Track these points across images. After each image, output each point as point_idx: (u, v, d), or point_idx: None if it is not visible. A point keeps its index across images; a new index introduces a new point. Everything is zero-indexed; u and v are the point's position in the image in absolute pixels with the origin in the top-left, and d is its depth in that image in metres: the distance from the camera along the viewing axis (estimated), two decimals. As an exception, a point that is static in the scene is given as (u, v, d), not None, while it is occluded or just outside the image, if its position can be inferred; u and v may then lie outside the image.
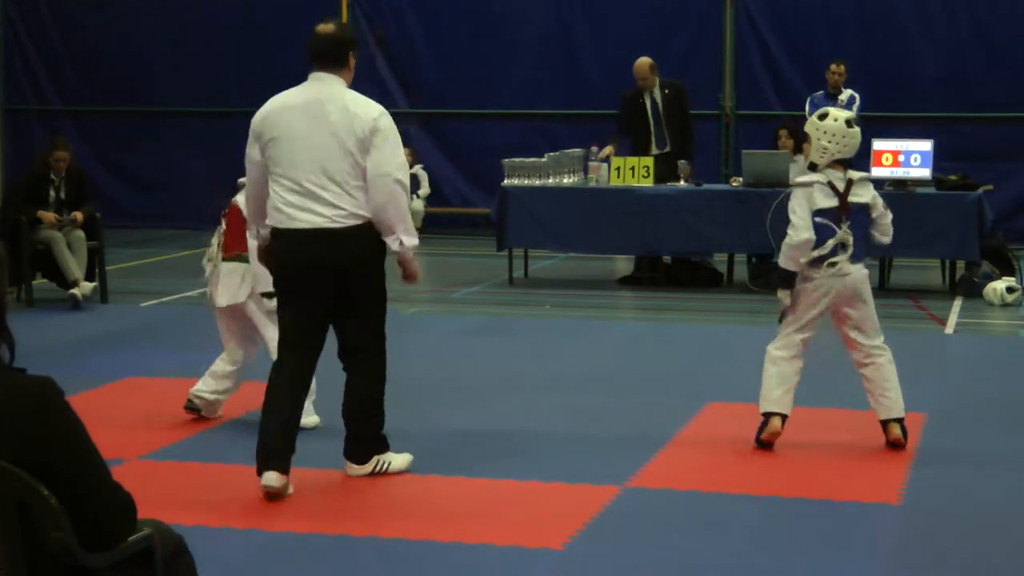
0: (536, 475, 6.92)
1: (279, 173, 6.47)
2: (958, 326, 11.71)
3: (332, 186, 6.39)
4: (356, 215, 6.41)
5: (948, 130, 16.64)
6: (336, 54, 6.57)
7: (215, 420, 8.07)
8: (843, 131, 7.28)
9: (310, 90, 6.55)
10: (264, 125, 6.53)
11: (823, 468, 7.14)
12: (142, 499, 3.49)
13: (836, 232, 7.25)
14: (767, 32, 18.18)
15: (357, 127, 6.39)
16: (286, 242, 6.48)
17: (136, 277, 14.76)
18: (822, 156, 7.31)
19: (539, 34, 18.80)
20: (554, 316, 12.30)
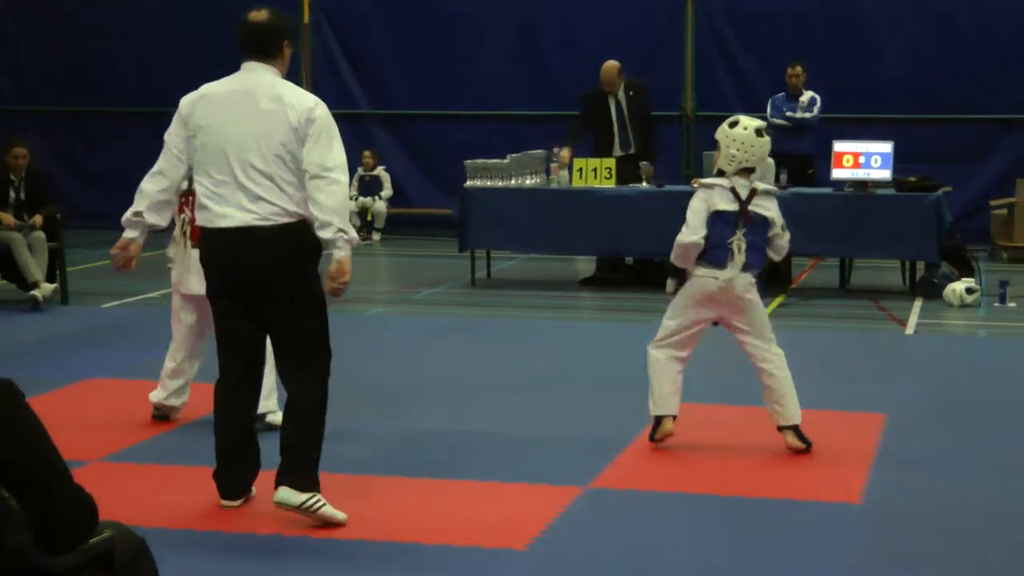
0: (498, 475, 6.91)
1: (206, 166, 6.11)
2: (918, 327, 11.76)
3: (262, 180, 5.99)
4: (288, 212, 6.00)
5: (907, 132, 16.71)
6: (269, 43, 6.19)
7: (175, 422, 8.03)
8: (752, 140, 7.29)
9: (241, 80, 6.20)
10: (192, 110, 6.20)
11: (786, 469, 7.15)
12: (103, 501, 3.46)
13: (733, 235, 7.24)
14: (728, 33, 18.22)
15: (291, 118, 5.99)
16: (212, 242, 6.12)
17: (97, 278, 14.67)
18: (729, 163, 7.32)
19: (502, 35, 18.79)
20: (517, 317, 12.30)
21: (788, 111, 15.32)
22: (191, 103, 6.23)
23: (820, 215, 13.25)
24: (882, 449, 7.50)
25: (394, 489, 6.68)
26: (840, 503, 6.52)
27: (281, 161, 6.01)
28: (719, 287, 7.26)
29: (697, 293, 7.33)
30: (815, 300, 13.34)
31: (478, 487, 6.73)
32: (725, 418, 8.10)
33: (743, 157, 7.28)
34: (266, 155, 6.01)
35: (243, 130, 6.04)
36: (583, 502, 6.52)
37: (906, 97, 17.59)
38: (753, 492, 6.69)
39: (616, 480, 6.91)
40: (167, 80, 19.42)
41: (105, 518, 3.45)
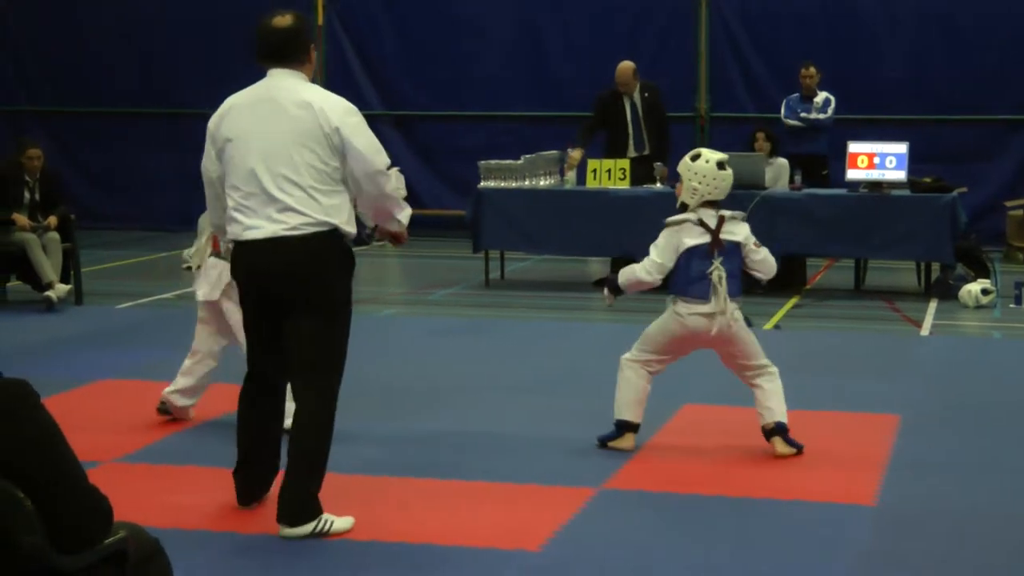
0: (511, 477, 6.91)
1: (235, 179, 5.95)
2: (933, 328, 11.74)
3: (294, 190, 5.84)
4: (320, 222, 5.86)
5: (921, 132, 16.68)
6: (294, 48, 6.00)
7: (189, 422, 8.04)
8: (713, 173, 7.27)
9: (266, 87, 6.01)
10: (218, 127, 6.03)
11: (798, 470, 7.15)
12: (117, 502, 3.47)
13: (710, 266, 7.22)
14: (740, 34, 18.20)
15: (323, 124, 5.86)
16: (244, 255, 5.98)
17: (110, 279, 14.70)
18: (692, 196, 7.32)
19: (511, 36, 18.78)
20: (530, 318, 12.30)
21: (802, 112, 15.30)
22: (217, 118, 6.08)
23: (835, 216, 13.24)
24: (896, 451, 7.49)
25: (406, 490, 6.68)
26: (854, 505, 6.52)
27: (313, 169, 5.88)
28: (709, 324, 7.23)
29: (684, 332, 7.32)
30: (829, 301, 13.32)
31: (491, 488, 6.74)
32: (737, 420, 8.08)
33: (705, 191, 7.28)
34: (297, 165, 5.88)
35: (271, 140, 5.89)
36: (596, 504, 6.52)
37: (920, 98, 17.55)
38: (766, 494, 6.69)
39: (629, 482, 6.91)
40: (169, 81, 19.50)
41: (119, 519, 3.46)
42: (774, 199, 13.26)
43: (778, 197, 13.35)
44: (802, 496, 6.64)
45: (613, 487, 6.79)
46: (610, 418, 7.61)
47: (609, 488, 6.77)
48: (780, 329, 11.70)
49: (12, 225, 12.48)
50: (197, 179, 6.30)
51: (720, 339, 7.32)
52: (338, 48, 19.28)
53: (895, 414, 8.33)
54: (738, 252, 7.35)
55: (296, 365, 5.99)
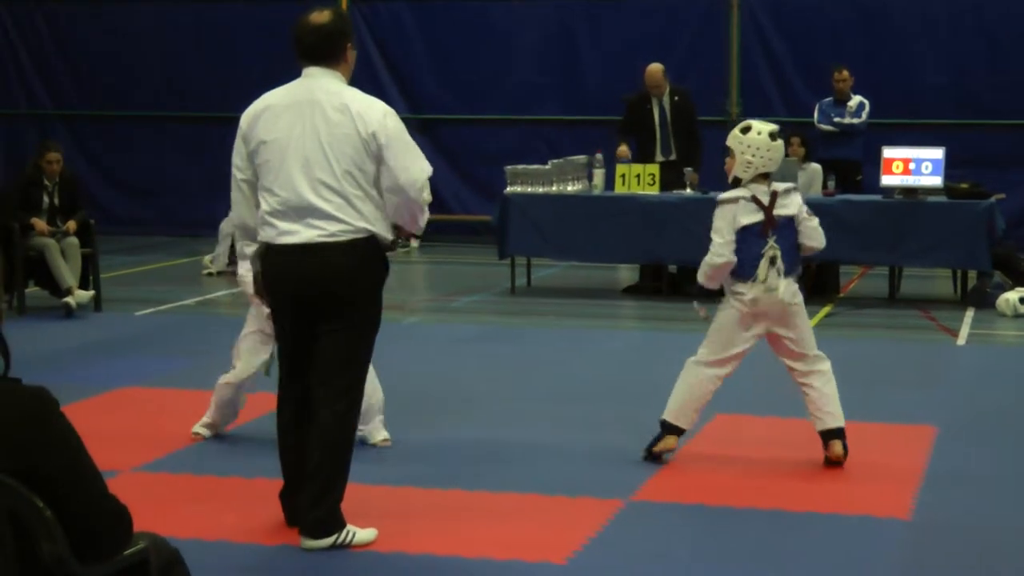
0: (538, 488, 6.90)
1: (269, 181, 5.90)
2: (970, 337, 11.70)
3: (333, 197, 5.81)
4: (357, 228, 5.84)
5: (956, 137, 16.62)
6: (331, 47, 5.94)
7: (210, 432, 8.05)
8: (768, 144, 7.23)
9: (303, 88, 5.95)
10: (251, 128, 5.96)
11: (832, 482, 7.12)
12: (137, 511, 3.48)
13: (764, 245, 7.19)
14: (773, 37, 18.17)
15: (360, 129, 5.82)
16: (277, 259, 5.92)
17: (131, 285, 14.74)
18: (746, 170, 7.25)
19: (539, 39, 18.79)
20: (557, 326, 12.29)
21: (836, 116, 15.26)
22: (251, 117, 6.00)
23: (869, 222, 13.20)
24: (932, 463, 7.46)
25: (431, 501, 6.68)
26: (889, 518, 6.49)
27: (351, 176, 5.85)
28: (767, 299, 7.19)
29: (744, 309, 7.26)
30: (864, 310, 13.28)
31: (517, 500, 6.73)
32: (769, 430, 8.07)
33: (760, 163, 7.23)
34: (336, 171, 5.84)
35: (310, 144, 5.85)
36: (625, 515, 6.51)
37: (955, 102, 17.50)
38: (799, 506, 6.66)
39: (659, 493, 6.89)
40: (194, 85, 19.57)
41: (139, 529, 3.46)
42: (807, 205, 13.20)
43: (811, 203, 13.20)
44: (836, 509, 6.61)
45: (642, 499, 6.78)
46: (639, 426, 7.60)
47: (638, 500, 6.75)
48: (813, 338, 11.65)
49: (31, 230, 12.53)
50: (221, 184, 6.30)
51: (782, 316, 7.26)
52: (363, 49, 19.27)
53: (931, 425, 8.29)
54: (792, 226, 7.31)
55: (322, 373, 5.96)
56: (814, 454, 7.52)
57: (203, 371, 9.55)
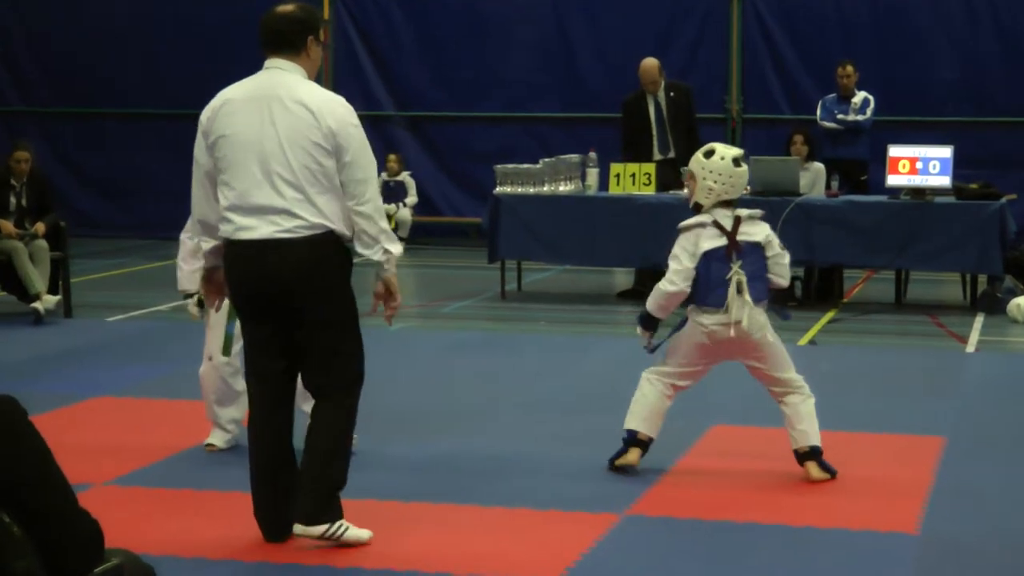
0: (529, 502, 6.91)
1: (228, 176, 6.05)
2: (979, 344, 11.72)
3: (290, 192, 5.96)
4: (316, 224, 5.98)
5: (968, 136, 16.67)
6: (292, 38, 6.13)
7: (186, 444, 8.04)
8: (730, 170, 7.25)
9: (262, 81, 6.14)
10: (212, 121, 6.12)
11: (835, 495, 7.13)
12: (110, 526, 3.49)
13: (728, 271, 7.20)
14: (776, 31, 18.20)
15: (319, 124, 5.97)
16: (236, 256, 6.08)
17: (103, 290, 14.74)
18: (707, 197, 7.28)
19: (534, 33, 18.81)
20: (549, 332, 12.29)
21: (839, 113, 15.28)
22: (210, 111, 6.17)
23: (874, 224, 13.22)
24: (940, 475, 7.48)
25: (420, 516, 6.68)
26: (895, 533, 6.50)
27: (309, 171, 5.99)
28: (731, 333, 7.19)
29: (708, 342, 7.27)
30: (869, 315, 13.30)
31: (508, 514, 6.73)
32: (769, 442, 8.06)
33: (721, 189, 7.26)
34: (293, 165, 5.99)
35: (267, 138, 6.01)
36: (620, 531, 6.52)
37: (966, 99, 17.55)
38: (801, 521, 6.67)
39: (655, 507, 6.90)
40: (176, 82, 19.54)
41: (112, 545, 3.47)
42: (810, 206, 13.26)
43: (814, 204, 13.34)
44: (840, 523, 6.62)
45: (638, 513, 6.79)
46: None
47: (633, 514, 6.76)
48: (816, 345, 11.68)
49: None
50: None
51: (746, 349, 7.29)
52: (347, 44, 19.30)
53: (939, 436, 8.30)
54: (759, 253, 7.31)
55: (311, 379, 6.15)
56: (817, 466, 7.54)
57: (178, 380, 9.55)
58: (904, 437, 8.36)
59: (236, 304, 6.25)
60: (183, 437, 8.15)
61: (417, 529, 6.47)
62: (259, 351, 6.18)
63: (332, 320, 6.10)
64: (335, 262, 6.08)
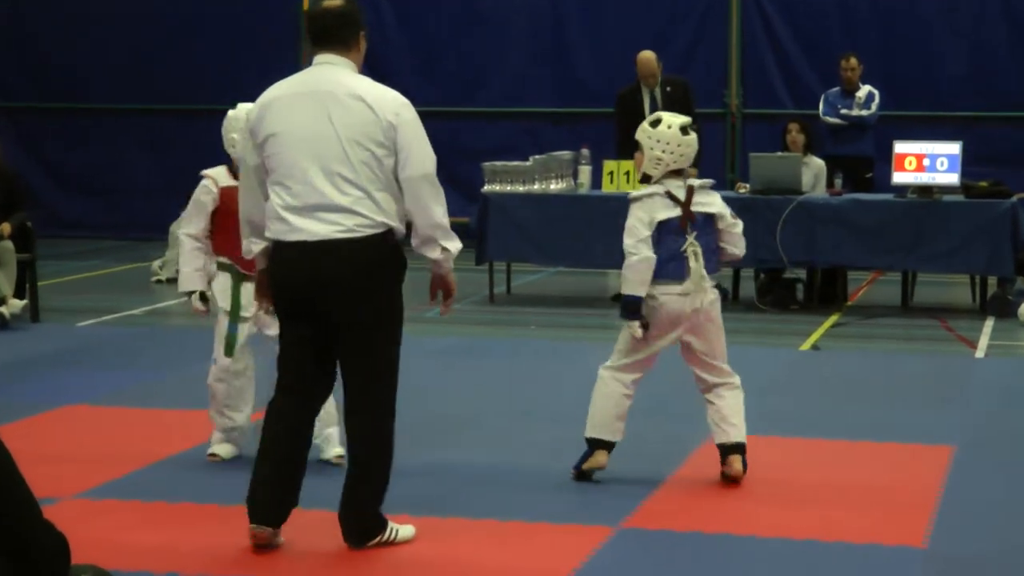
0: (519, 514, 6.90)
1: (280, 175, 6.09)
2: (989, 349, 11.73)
3: (352, 190, 6.02)
4: (379, 223, 6.07)
5: (977, 131, 16.68)
6: (345, 33, 6.25)
7: (161, 455, 8.02)
8: (678, 139, 7.32)
9: (314, 77, 6.20)
10: (260, 119, 6.17)
11: (839, 507, 7.13)
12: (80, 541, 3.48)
13: (684, 242, 7.26)
14: (778, 23, 18.21)
15: (379, 118, 6.05)
16: (288, 256, 6.11)
17: (73, 293, 14.71)
18: (655, 167, 7.36)
19: (527, 25, 18.80)
20: (540, 337, 12.29)
21: (843, 108, 15.29)
22: (258, 109, 6.23)
23: (880, 224, 13.24)
24: (949, 486, 7.48)
25: (403, 529, 6.67)
26: (902, 547, 6.50)
27: (368, 168, 6.05)
28: (692, 304, 7.26)
29: (659, 318, 7.32)
30: (874, 319, 13.31)
31: (497, 527, 6.73)
32: (770, 450, 8.07)
33: (670, 159, 7.33)
34: (353, 162, 6.04)
35: (324, 135, 6.06)
36: (614, 544, 6.51)
37: (975, 93, 17.56)
38: (804, 534, 6.67)
39: (651, 519, 6.90)
40: (158, 76, 19.51)
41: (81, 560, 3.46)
42: (812, 205, 13.27)
43: (816, 203, 13.35)
44: (844, 537, 6.62)
45: (633, 526, 6.79)
46: (630, 446, 7.60)
47: (628, 527, 6.76)
48: (819, 350, 11.68)
49: (-40, 232, 12.48)
50: (181, 183, 6.38)
51: (695, 324, 7.34)
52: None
53: (947, 445, 8.31)
54: (712, 225, 7.39)
55: (352, 383, 6.23)
56: (819, 476, 7.54)
57: (153, 388, 9.55)
58: (911, 446, 8.37)
59: (282, 309, 6.25)
60: (158, 447, 8.13)
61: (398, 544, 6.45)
62: (298, 360, 6.24)
63: (384, 327, 6.24)
64: (393, 262, 6.19)
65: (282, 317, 6.27)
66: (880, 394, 9.85)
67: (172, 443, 8.14)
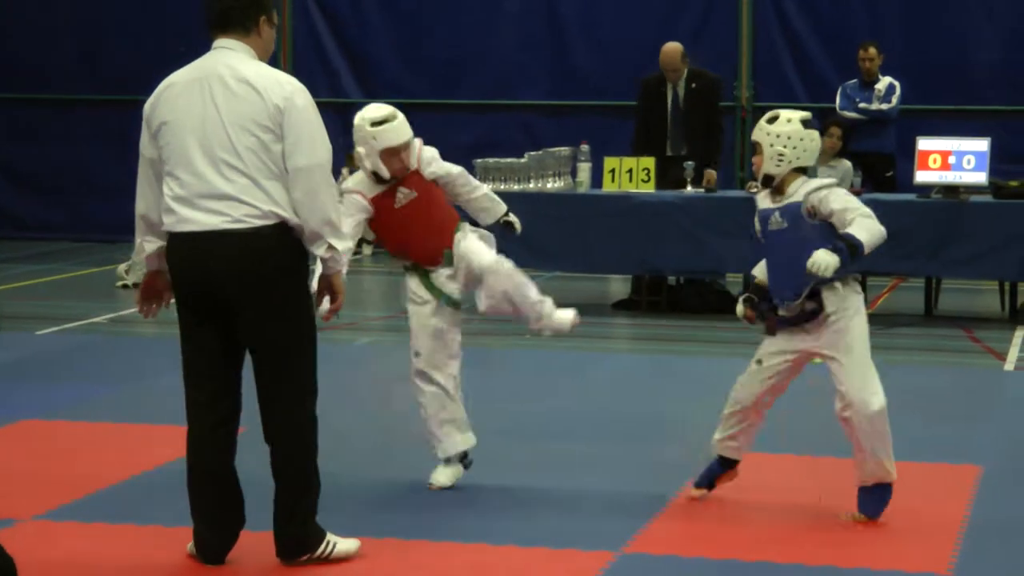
0: (514, 539, 6.91)
1: (171, 165, 6.18)
2: (1019, 361, 11.74)
3: (237, 177, 6.09)
4: (268, 213, 6.10)
5: (1008, 126, 16.71)
6: (241, 16, 6.29)
7: (126, 473, 8.02)
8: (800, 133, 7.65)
9: (207, 63, 6.29)
10: (153, 108, 6.29)
11: (858, 531, 7.14)
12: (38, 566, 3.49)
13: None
14: (792, 8, 18.22)
15: (265, 103, 6.10)
16: (179, 249, 6.21)
17: (32, 299, 14.71)
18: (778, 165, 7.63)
19: (520, 11, 18.81)
20: (535, 347, 12.29)
21: (861, 102, 15.31)
22: (153, 98, 6.33)
23: (902, 226, 13.20)
24: (975, 509, 7.49)
25: (390, 554, 6.68)
26: (925, 574, 6.51)
27: (255, 155, 6.10)
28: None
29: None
30: (896, 328, 13.33)
31: (492, 552, 6.74)
32: (783, 470, 8.09)
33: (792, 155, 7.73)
34: (238, 148, 6.10)
35: (210, 121, 6.14)
36: (616, 571, 6.52)
37: (1006, 85, 17.56)
38: (819, 559, 6.68)
39: (655, 544, 6.91)
40: (118, 64, 19.49)
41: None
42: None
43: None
44: (863, 563, 6.63)
45: (636, 551, 6.80)
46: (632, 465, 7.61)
47: (632, 552, 6.77)
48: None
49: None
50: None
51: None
52: (308, 25, 19.27)
53: (974, 465, 8.32)
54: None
55: (262, 388, 6.24)
56: (838, 498, 7.55)
57: (117, 401, 9.55)
58: (935, 466, 8.38)
59: (179, 304, 6.32)
60: (123, 465, 8.13)
61: (390, 570, 6.47)
62: (201, 355, 6.29)
63: (283, 319, 6.20)
64: (287, 255, 6.18)
65: (182, 313, 6.32)
66: (901, 410, 9.80)
67: (139, 460, 8.14)
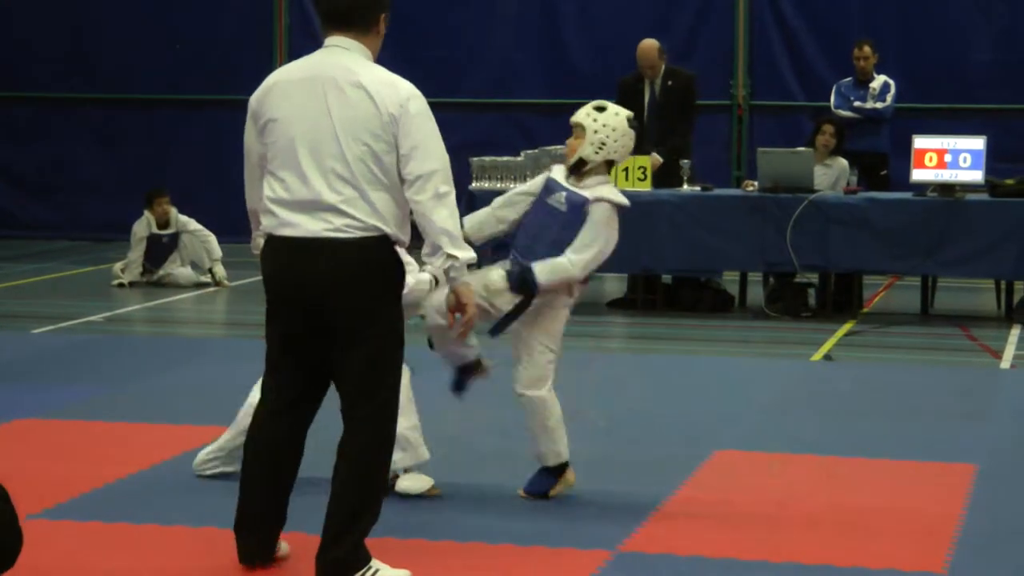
0: (512, 538, 6.92)
1: (275, 166, 6.07)
2: (1016, 360, 11.75)
3: (343, 187, 5.97)
4: (369, 226, 5.98)
5: (1004, 125, 16.72)
6: (364, 13, 6.20)
7: (122, 472, 8.04)
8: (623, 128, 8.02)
9: (319, 61, 6.17)
10: (261, 103, 6.15)
11: (854, 530, 7.15)
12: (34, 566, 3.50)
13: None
14: (788, 6, 18.22)
15: (379, 111, 6.00)
16: (275, 252, 6.10)
17: (27, 298, 14.71)
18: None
19: (517, 10, 18.80)
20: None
21: (856, 100, 15.31)
22: (261, 93, 6.19)
23: (898, 225, 13.26)
24: (971, 508, 7.50)
25: (388, 554, 6.66)
26: (920, 572, 6.53)
27: (364, 165, 5.99)
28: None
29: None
30: (891, 327, 13.34)
31: (488, 551, 6.75)
32: (781, 469, 8.10)
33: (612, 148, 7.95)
34: (348, 158, 5.99)
35: (320, 125, 6.02)
36: (612, 570, 6.53)
37: (1003, 83, 17.57)
38: (816, 558, 6.69)
39: (651, 543, 6.92)
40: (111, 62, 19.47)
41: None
42: (825, 204, 13.29)
43: (830, 202, 13.38)
44: (859, 562, 6.64)
45: (632, 549, 6.81)
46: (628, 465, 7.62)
47: (627, 551, 6.78)
48: (832, 361, 11.71)
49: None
50: (138, 179, 6.38)
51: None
52: (304, 20, 19.26)
53: (970, 464, 8.33)
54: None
55: (346, 394, 6.14)
56: (832, 497, 7.57)
57: (113, 400, 9.55)
58: (930, 465, 8.39)
59: (268, 306, 6.23)
60: (119, 464, 8.12)
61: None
62: (279, 364, 6.22)
63: (374, 334, 6.08)
64: (385, 270, 6.09)
65: (269, 316, 6.24)
66: (898, 409, 9.87)
67: (135, 460, 8.14)
